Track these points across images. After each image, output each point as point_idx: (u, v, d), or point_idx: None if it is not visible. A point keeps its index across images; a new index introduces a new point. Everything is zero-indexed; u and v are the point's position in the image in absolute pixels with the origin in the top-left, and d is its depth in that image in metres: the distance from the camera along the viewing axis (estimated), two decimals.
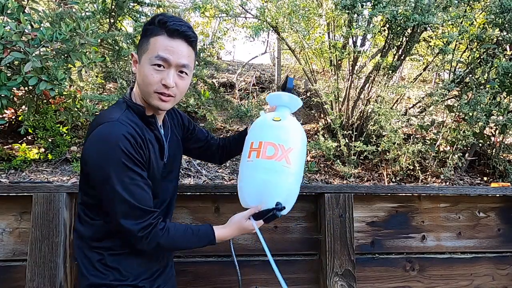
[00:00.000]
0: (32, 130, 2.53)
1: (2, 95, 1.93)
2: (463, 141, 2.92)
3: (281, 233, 1.78)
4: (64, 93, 2.40)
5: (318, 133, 3.13)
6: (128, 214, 1.11)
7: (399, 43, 3.05)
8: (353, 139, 2.97)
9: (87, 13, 2.41)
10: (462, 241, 1.91)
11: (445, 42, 2.94)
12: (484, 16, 3.07)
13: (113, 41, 2.76)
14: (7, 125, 2.76)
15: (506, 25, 2.88)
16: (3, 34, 1.77)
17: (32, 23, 2.02)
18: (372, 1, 2.79)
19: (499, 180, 3.01)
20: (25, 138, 2.70)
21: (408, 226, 1.87)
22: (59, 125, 2.58)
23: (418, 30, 2.94)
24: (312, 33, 3.66)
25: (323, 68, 3.88)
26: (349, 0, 2.74)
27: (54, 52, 2.05)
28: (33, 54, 1.82)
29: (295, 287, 1.76)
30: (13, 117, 2.78)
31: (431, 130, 3.31)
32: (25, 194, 1.56)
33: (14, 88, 2.07)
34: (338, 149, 2.98)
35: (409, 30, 2.93)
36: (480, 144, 3.16)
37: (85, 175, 1.16)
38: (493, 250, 1.93)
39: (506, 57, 3.02)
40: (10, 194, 1.57)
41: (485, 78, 3.02)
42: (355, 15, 2.88)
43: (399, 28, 2.86)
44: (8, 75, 1.96)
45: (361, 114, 3.19)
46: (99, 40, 2.55)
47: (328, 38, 3.27)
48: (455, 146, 2.97)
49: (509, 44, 3.02)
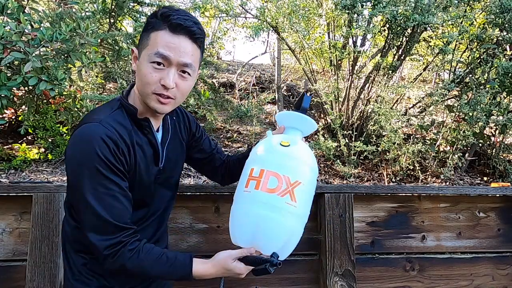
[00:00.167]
0: (32, 130, 2.53)
1: (2, 95, 1.93)
2: (463, 141, 2.92)
3: None
4: (64, 93, 2.40)
5: (318, 133, 3.13)
6: (97, 228, 0.99)
7: (399, 43, 3.05)
8: (353, 139, 2.96)
9: (87, 13, 2.41)
10: (462, 241, 1.91)
11: (445, 42, 2.94)
12: (484, 16, 3.07)
13: (113, 41, 2.76)
14: (7, 125, 2.76)
15: (506, 25, 2.88)
16: (3, 34, 1.76)
17: (32, 23, 2.01)
18: (372, 1, 2.79)
19: (499, 180, 3.01)
20: (25, 138, 2.70)
21: (408, 226, 1.87)
22: (59, 125, 2.58)
23: (418, 30, 2.94)
24: (312, 33, 3.66)
25: (323, 68, 3.88)
26: (349, 0, 2.74)
27: (54, 52, 2.05)
28: (33, 54, 1.82)
29: (295, 287, 1.76)
30: (13, 117, 2.78)
31: (431, 130, 3.31)
32: (25, 194, 1.56)
33: (14, 88, 2.07)
34: (338, 149, 2.98)
35: (409, 30, 2.93)
36: (480, 144, 3.16)
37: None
38: (493, 250, 1.93)
39: (506, 57, 3.02)
40: (10, 194, 1.57)
41: (485, 78, 3.01)
42: (355, 15, 2.88)
43: (399, 28, 2.86)
44: (8, 75, 1.96)
45: (361, 114, 3.19)
46: (99, 40, 2.54)
47: (328, 38, 3.27)
48: (455, 146, 2.97)
49: (509, 44, 3.02)
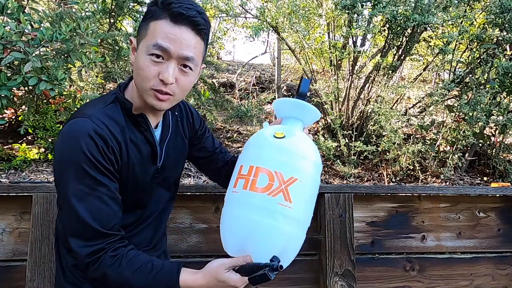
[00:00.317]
0: (32, 130, 2.53)
1: (2, 95, 1.93)
2: (463, 141, 2.92)
3: None
4: (64, 93, 2.40)
5: (318, 133, 3.13)
6: (78, 233, 0.91)
7: (399, 43, 3.05)
8: (353, 139, 2.97)
9: (87, 13, 2.41)
10: (462, 241, 1.91)
11: (445, 42, 2.94)
12: (484, 16, 3.07)
13: (113, 41, 2.75)
14: (7, 125, 2.76)
15: (506, 25, 2.88)
16: (3, 34, 1.76)
17: (32, 23, 2.01)
18: (372, 1, 2.79)
19: (499, 180, 3.01)
20: (25, 138, 2.69)
21: (408, 226, 1.87)
22: (59, 125, 2.57)
23: (418, 30, 2.94)
24: (312, 33, 3.66)
25: (323, 68, 3.88)
26: (349, 0, 2.74)
27: (54, 52, 2.05)
28: (33, 54, 1.82)
29: (295, 287, 1.76)
30: (13, 117, 2.78)
31: (431, 130, 3.31)
32: (25, 194, 1.55)
33: (14, 88, 2.06)
34: (338, 149, 2.98)
35: (409, 30, 2.94)
36: (480, 144, 3.16)
37: None
38: (493, 250, 1.93)
39: (506, 57, 3.02)
40: (10, 194, 1.56)
41: (485, 78, 3.02)
42: (355, 15, 2.88)
43: (399, 28, 2.86)
44: (8, 75, 1.96)
45: (361, 114, 3.19)
46: (99, 40, 2.54)
47: (328, 38, 3.27)
48: (455, 146, 2.97)
49: (509, 44, 3.02)
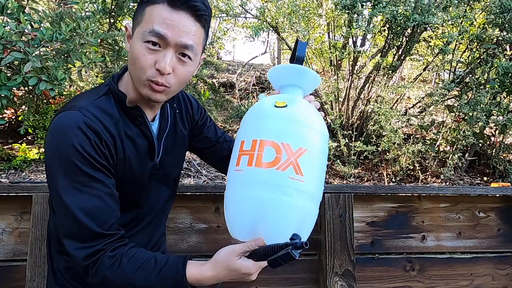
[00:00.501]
0: (32, 130, 2.53)
1: (2, 95, 1.93)
2: (463, 141, 2.92)
3: None
4: (64, 93, 2.39)
5: None
6: (74, 234, 0.83)
7: (399, 43, 3.05)
8: (353, 139, 2.97)
9: (87, 13, 2.41)
10: (462, 241, 1.91)
11: (445, 42, 2.94)
12: (484, 16, 3.08)
13: (113, 41, 2.75)
14: (7, 125, 2.76)
15: (506, 25, 2.88)
16: (3, 34, 1.76)
17: (32, 23, 2.01)
18: (372, 1, 2.80)
19: (499, 180, 3.01)
20: (25, 138, 2.70)
21: (408, 226, 1.87)
22: None
23: (418, 30, 2.94)
24: (312, 33, 3.66)
25: (323, 68, 3.88)
26: (349, 0, 2.74)
27: (54, 52, 2.05)
28: (33, 54, 1.82)
29: (295, 287, 1.76)
30: (13, 117, 2.78)
31: (431, 130, 3.31)
32: (25, 194, 1.55)
33: (14, 88, 2.06)
34: (338, 149, 2.98)
35: (409, 30, 2.94)
36: (480, 144, 3.16)
37: None
38: (493, 250, 1.93)
39: (506, 57, 3.02)
40: (10, 194, 1.56)
41: (485, 78, 3.02)
42: (355, 15, 2.88)
43: (399, 28, 2.87)
44: (8, 75, 1.96)
45: (361, 114, 3.19)
46: (99, 40, 2.54)
47: (328, 38, 3.28)
48: (455, 146, 2.97)
49: (509, 44, 3.02)
